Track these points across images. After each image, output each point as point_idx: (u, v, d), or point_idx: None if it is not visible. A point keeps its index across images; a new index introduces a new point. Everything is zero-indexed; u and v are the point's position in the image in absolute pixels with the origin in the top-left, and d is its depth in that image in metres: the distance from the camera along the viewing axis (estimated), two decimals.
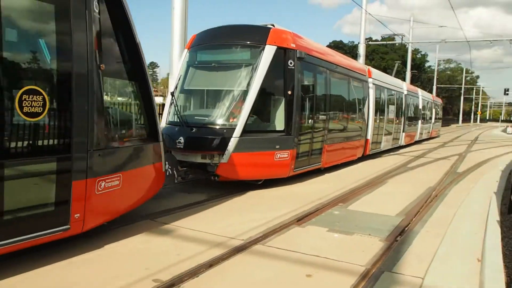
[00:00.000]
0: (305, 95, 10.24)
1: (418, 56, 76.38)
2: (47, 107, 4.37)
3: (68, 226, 4.72)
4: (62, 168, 4.60)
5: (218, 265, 4.82)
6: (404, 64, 53.85)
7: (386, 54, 79.20)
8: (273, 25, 9.94)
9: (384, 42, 65.53)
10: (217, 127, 8.84)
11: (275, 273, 4.71)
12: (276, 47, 9.22)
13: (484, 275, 4.50)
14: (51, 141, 4.60)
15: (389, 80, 20.81)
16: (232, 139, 8.50)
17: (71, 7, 4.57)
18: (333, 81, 12.38)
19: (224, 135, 8.58)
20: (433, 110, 32.82)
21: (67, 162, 4.61)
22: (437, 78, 68.35)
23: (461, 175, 12.98)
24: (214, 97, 9.71)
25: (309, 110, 10.75)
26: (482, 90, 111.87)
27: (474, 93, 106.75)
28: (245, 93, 8.90)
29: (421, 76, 65.11)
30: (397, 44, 69.93)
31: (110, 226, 5.71)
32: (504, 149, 22.52)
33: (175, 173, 8.17)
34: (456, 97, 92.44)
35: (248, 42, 9.42)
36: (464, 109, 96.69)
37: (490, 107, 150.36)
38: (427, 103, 30.17)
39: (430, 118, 31.55)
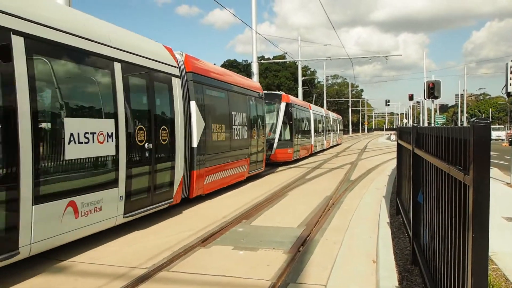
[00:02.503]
0: (296, 123, 22.23)
1: (308, 72, 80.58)
2: (255, 136, 15.02)
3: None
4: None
5: None
6: (296, 80, 56.57)
7: (278, 72, 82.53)
8: (281, 91, 23.03)
9: (276, 60, 68.59)
10: (269, 139, 19.38)
11: None
12: (285, 103, 20.82)
13: (379, 275, 4.79)
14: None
15: (318, 108, 34.84)
16: (275, 144, 19.84)
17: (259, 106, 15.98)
18: (301, 114, 25.01)
19: (271, 142, 19.64)
20: (338, 124, 46.38)
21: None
22: (326, 93, 72.59)
23: (354, 182, 13.85)
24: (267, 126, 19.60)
25: (297, 129, 22.55)
26: (367, 102, 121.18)
27: (360, 105, 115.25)
28: (277, 124, 20.36)
29: (312, 91, 68.77)
30: (288, 62, 73.33)
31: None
32: (389, 156, 24.40)
33: None
34: (345, 110, 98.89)
35: (275, 101, 20.65)
36: (352, 120, 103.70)
37: (375, 117, 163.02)
38: (335, 120, 43.86)
39: (337, 130, 45.29)
